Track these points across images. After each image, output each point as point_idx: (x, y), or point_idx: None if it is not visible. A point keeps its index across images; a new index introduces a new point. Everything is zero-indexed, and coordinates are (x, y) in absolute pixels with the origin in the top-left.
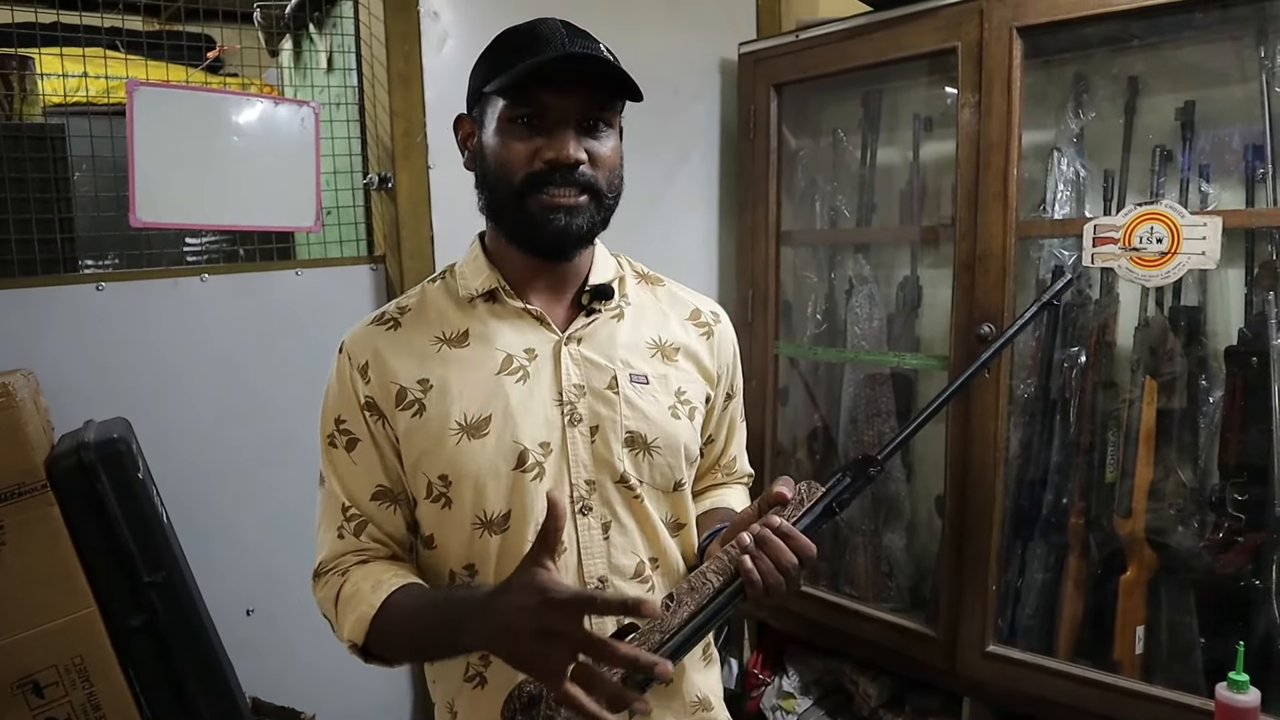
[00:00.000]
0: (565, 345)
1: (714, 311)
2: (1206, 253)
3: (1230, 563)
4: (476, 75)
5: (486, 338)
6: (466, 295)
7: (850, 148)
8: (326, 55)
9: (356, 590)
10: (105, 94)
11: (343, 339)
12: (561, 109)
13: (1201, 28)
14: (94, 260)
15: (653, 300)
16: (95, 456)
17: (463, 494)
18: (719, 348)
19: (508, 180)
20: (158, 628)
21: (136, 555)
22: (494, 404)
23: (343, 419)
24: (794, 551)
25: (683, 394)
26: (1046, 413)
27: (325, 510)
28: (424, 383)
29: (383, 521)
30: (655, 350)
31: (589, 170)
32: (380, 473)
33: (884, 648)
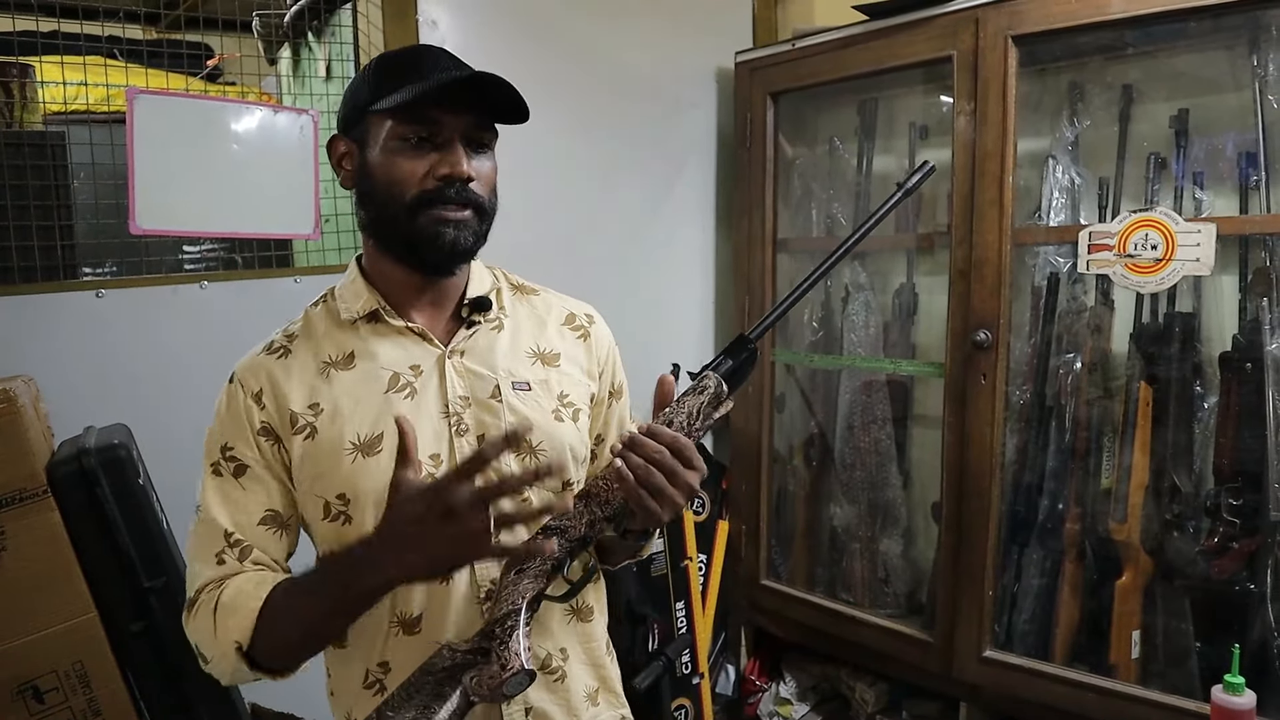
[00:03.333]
0: (449, 358)
1: (588, 314)
2: (1201, 259)
3: (1225, 568)
4: (357, 96)
5: (371, 357)
6: (349, 318)
7: (846, 156)
8: (325, 63)
9: (238, 592)
10: (105, 102)
11: (234, 369)
12: (451, 127)
13: (1195, 36)
14: (93, 268)
15: (529, 310)
16: (95, 462)
17: (363, 511)
18: (596, 346)
19: (398, 197)
20: (158, 633)
21: (137, 561)
22: (385, 422)
23: (230, 446)
24: (665, 444)
25: (565, 397)
26: (1042, 419)
27: (200, 541)
28: (314, 407)
29: (268, 547)
30: (535, 358)
31: (476, 188)
32: (272, 497)
33: (881, 653)
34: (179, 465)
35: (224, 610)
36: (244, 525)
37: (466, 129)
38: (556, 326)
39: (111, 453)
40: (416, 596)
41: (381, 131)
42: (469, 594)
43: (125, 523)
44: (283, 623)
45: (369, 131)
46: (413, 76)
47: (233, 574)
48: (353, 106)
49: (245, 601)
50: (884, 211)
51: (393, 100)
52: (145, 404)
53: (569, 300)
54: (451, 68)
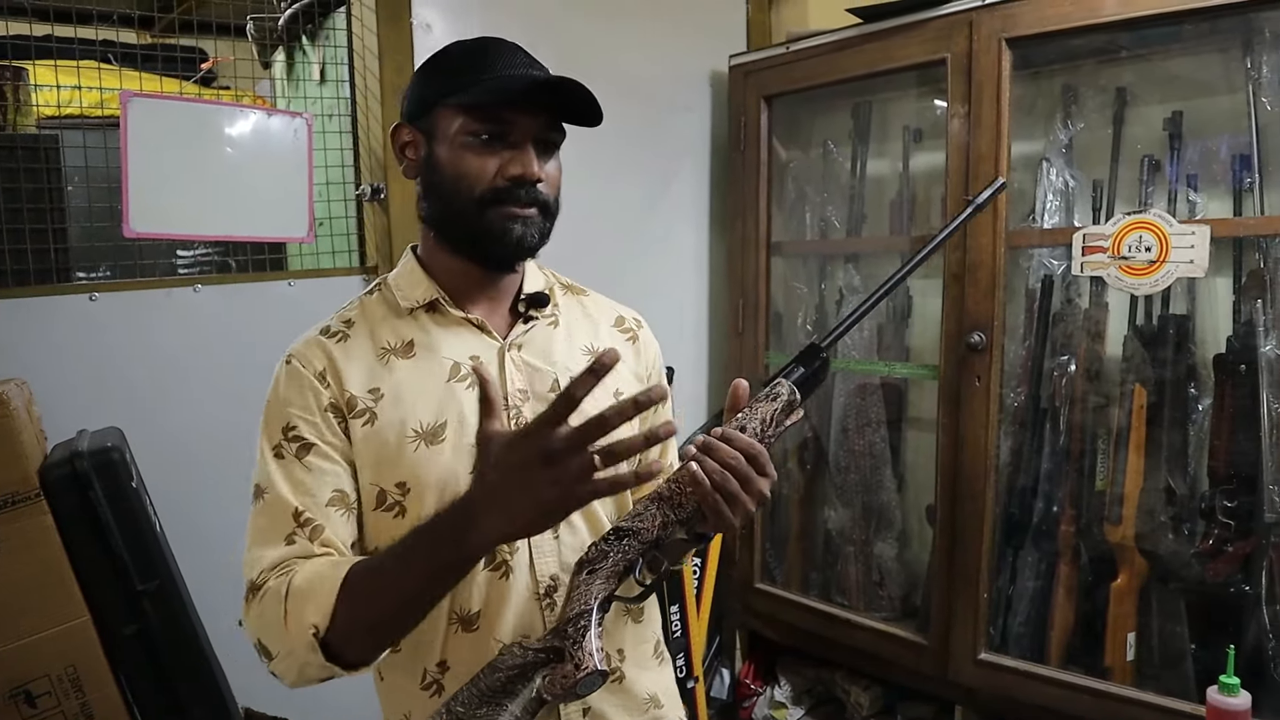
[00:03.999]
0: (508, 351)
1: (636, 318)
2: (1195, 261)
3: (1219, 570)
4: (426, 86)
5: (432, 346)
6: (408, 306)
7: (840, 159)
8: (319, 67)
9: (314, 573)
10: (99, 106)
11: (289, 350)
12: (525, 128)
13: (1189, 39)
14: (87, 271)
15: (580, 309)
16: (89, 465)
17: (422, 501)
18: (644, 350)
19: (467, 193)
20: (151, 636)
21: (129, 564)
22: (448, 411)
23: (293, 426)
24: (740, 451)
25: (620, 394)
26: (1037, 421)
27: (267, 523)
28: (375, 392)
29: (338, 528)
30: (590, 355)
31: (544, 188)
32: (340, 477)
33: (876, 656)
34: (172, 468)
35: (297, 595)
36: (313, 505)
37: (538, 130)
38: (608, 328)
39: (104, 455)
40: (475, 592)
41: (452, 126)
42: (528, 591)
43: (118, 526)
44: (370, 600)
45: (438, 124)
46: (486, 72)
47: (303, 556)
48: (420, 95)
49: (322, 583)
50: (954, 227)
51: (469, 97)
52: (138, 407)
53: (616, 304)
54: (525, 65)
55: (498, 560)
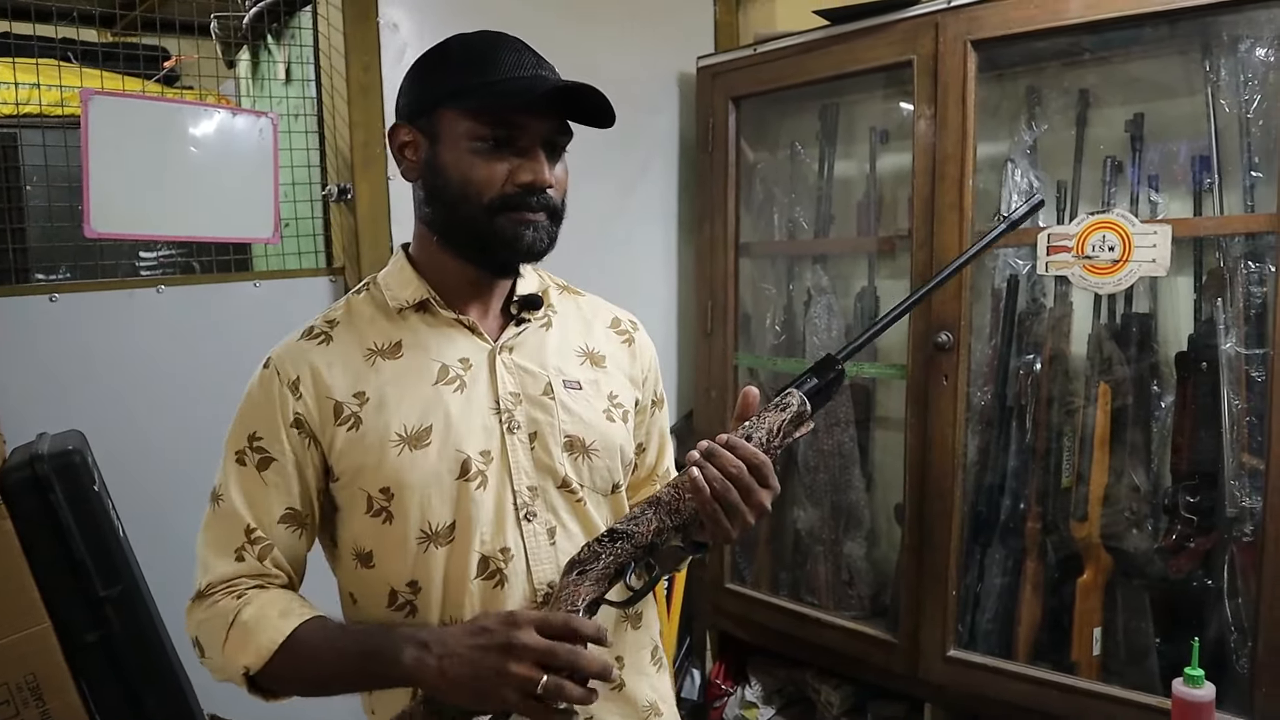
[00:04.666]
0: (499, 354)
1: (632, 320)
2: (1157, 260)
3: (1181, 566)
4: (428, 85)
5: (420, 347)
6: (396, 306)
7: (808, 160)
8: (285, 66)
9: (261, 615)
10: (59, 105)
11: (270, 354)
12: (534, 133)
13: (1150, 42)
14: (46, 272)
15: (575, 310)
16: (49, 469)
17: (406, 506)
18: (640, 353)
19: (475, 199)
20: (114, 643)
21: (92, 569)
22: (434, 414)
23: (258, 436)
24: (743, 460)
25: (615, 397)
26: (1003, 420)
27: (220, 532)
28: (360, 396)
29: (287, 547)
30: (584, 357)
31: (553, 193)
32: (294, 495)
33: (846, 655)
34: (135, 471)
35: (241, 629)
36: (265, 522)
37: (547, 133)
38: (603, 329)
39: (65, 459)
40: (469, 604)
41: (457, 129)
42: (525, 600)
43: (80, 530)
44: (302, 667)
45: (441, 125)
46: (494, 73)
47: (252, 575)
48: (421, 95)
49: (267, 631)
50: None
51: (479, 102)
52: (100, 409)
53: (612, 305)
54: (533, 66)
55: (492, 569)
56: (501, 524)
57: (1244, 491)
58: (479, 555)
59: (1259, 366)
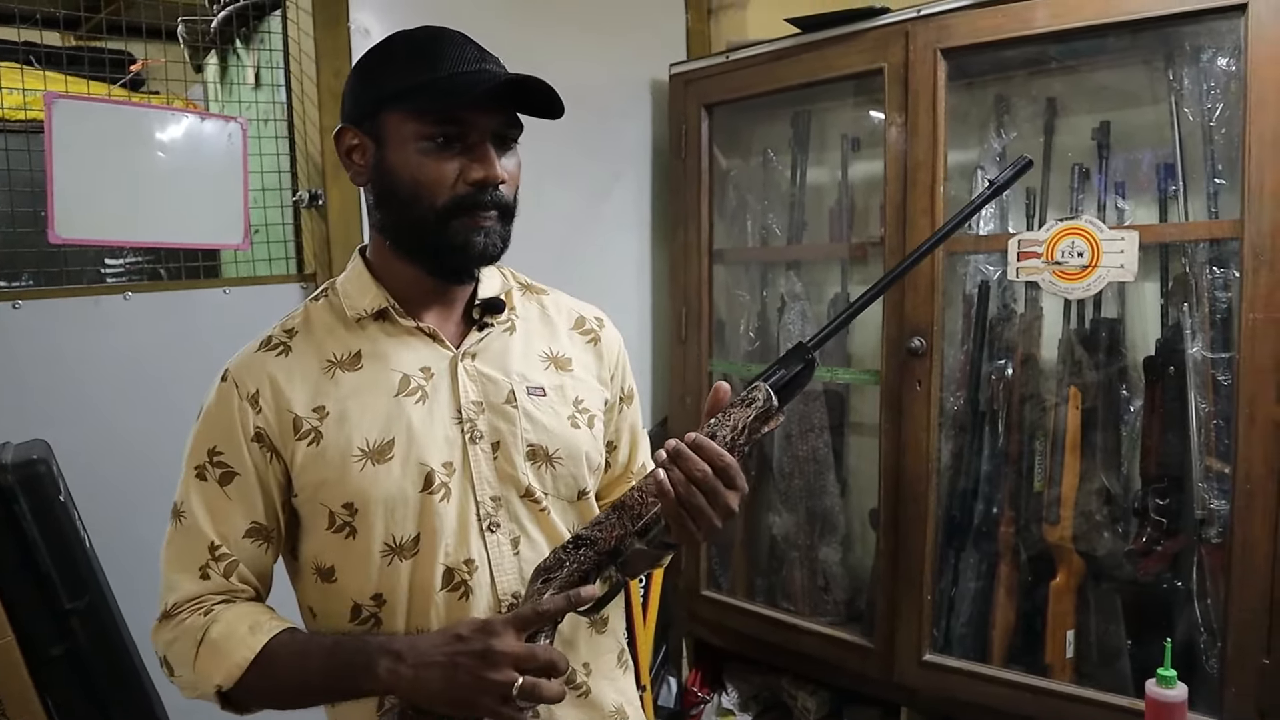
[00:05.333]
0: (461, 362)
1: (598, 317)
2: (1125, 265)
3: (1150, 568)
4: (371, 86)
5: (380, 358)
6: (354, 315)
7: (780, 167)
8: (254, 71)
9: (230, 632)
10: (22, 109)
11: (226, 365)
12: (483, 128)
13: (1115, 52)
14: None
15: (539, 311)
16: (13, 479)
17: (370, 521)
18: (606, 351)
19: (428, 202)
20: (80, 656)
21: (57, 581)
22: (396, 427)
23: (219, 450)
24: (708, 462)
25: (580, 403)
26: (976, 424)
27: (183, 547)
28: (320, 410)
29: (253, 561)
30: (549, 362)
31: (505, 189)
32: (258, 509)
33: (822, 661)
34: (102, 482)
35: (211, 647)
36: (229, 537)
37: (496, 126)
38: (567, 330)
39: (30, 469)
40: (435, 615)
41: (404, 130)
42: (490, 611)
43: (45, 542)
44: (275, 680)
45: (386, 127)
46: (437, 69)
47: (218, 592)
48: (366, 97)
49: (238, 647)
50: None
51: (423, 101)
52: (66, 419)
53: (577, 302)
54: (476, 60)
55: (456, 581)
56: (465, 535)
57: (1211, 494)
58: (443, 567)
59: (1225, 370)
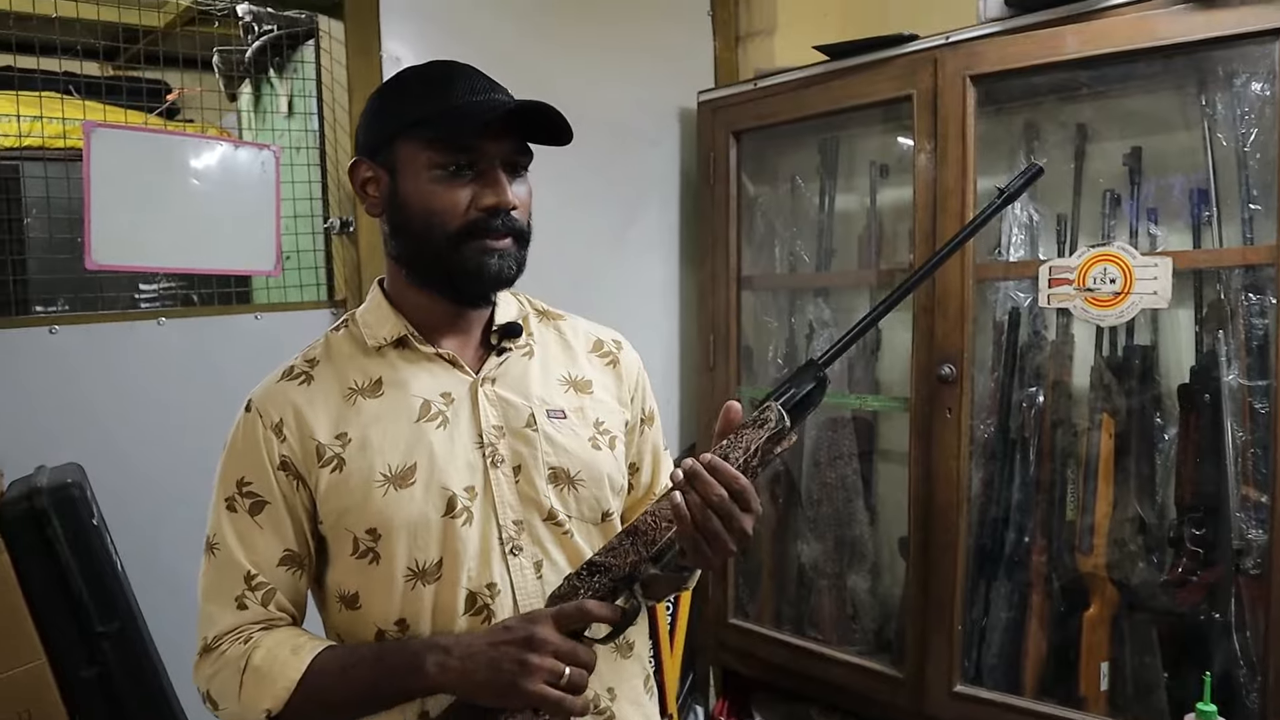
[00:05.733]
0: (481, 386)
1: (616, 340)
2: (1158, 292)
3: (1187, 599)
4: (384, 118)
5: (401, 384)
6: (375, 344)
7: (808, 194)
8: (287, 100)
9: (274, 657)
10: (61, 137)
11: (250, 396)
12: (493, 155)
13: (1146, 77)
14: (46, 305)
15: (556, 336)
16: (47, 502)
17: (393, 546)
18: (625, 373)
19: (439, 229)
20: (110, 680)
21: (89, 604)
22: (418, 452)
23: (247, 481)
24: (724, 485)
25: (601, 424)
26: (1007, 452)
27: (219, 579)
28: (342, 437)
29: (288, 588)
30: (568, 385)
31: (517, 215)
32: (289, 536)
33: (851, 690)
34: (134, 506)
35: (255, 674)
36: (264, 566)
37: (506, 154)
38: (585, 354)
39: (64, 492)
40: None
41: (417, 160)
42: None
43: (78, 565)
44: (324, 698)
45: (399, 158)
46: (447, 99)
47: (257, 621)
48: (379, 129)
49: (283, 670)
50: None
51: (434, 129)
52: (99, 443)
53: (595, 326)
54: (486, 90)
55: (479, 605)
56: (487, 559)
57: (1248, 524)
58: (466, 591)
59: (1261, 398)
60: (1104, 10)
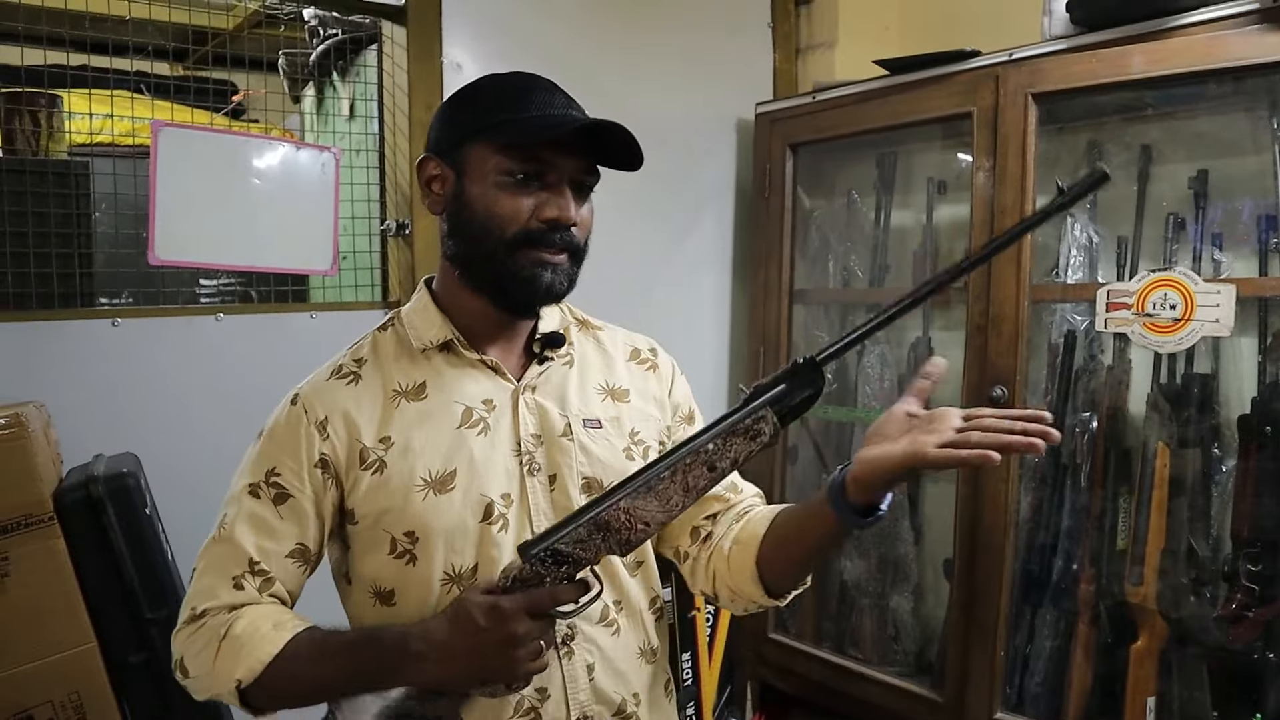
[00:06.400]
0: (522, 394)
1: (652, 347)
2: (1220, 320)
3: (1241, 635)
4: (458, 120)
5: (444, 389)
6: (420, 346)
7: (864, 208)
8: (349, 103)
9: (254, 629)
10: (130, 135)
11: (297, 390)
12: (562, 170)
13: (1215, 98)
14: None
15: (595, 346)
16: (103, 491)
17: (431, 550)
18: (663, 377)
19: (497, 233)
20: (157, 665)
21: (139, 591)
22: (458, 458)
23: (277, 471)
24: None
25: (636, 434)
26: (1058, 478)
27: (218, 559)
28: (385, 440)
29: (289, 580)
30: (605, 394)
31: (577, 232)
32: (307, 532)
33: (889, 711)
34: (186, 497)
35: (233, 643)
36: (271, 554)
37: (575, 172)
38: (623, 362)
39: (119, 481)
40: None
41: (486, 163)
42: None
43: (130, 553)
44: (296, 678)
45: (469, 160)
46: (525, 110)
47: (248, 603)
48: (452, 129)
49: (260, 644)
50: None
51: (508, 136)
52: (155, 434)
53: (630, 334)
54: (564, 105)
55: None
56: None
57: None
58: None
59: None
60: (1173, 30)
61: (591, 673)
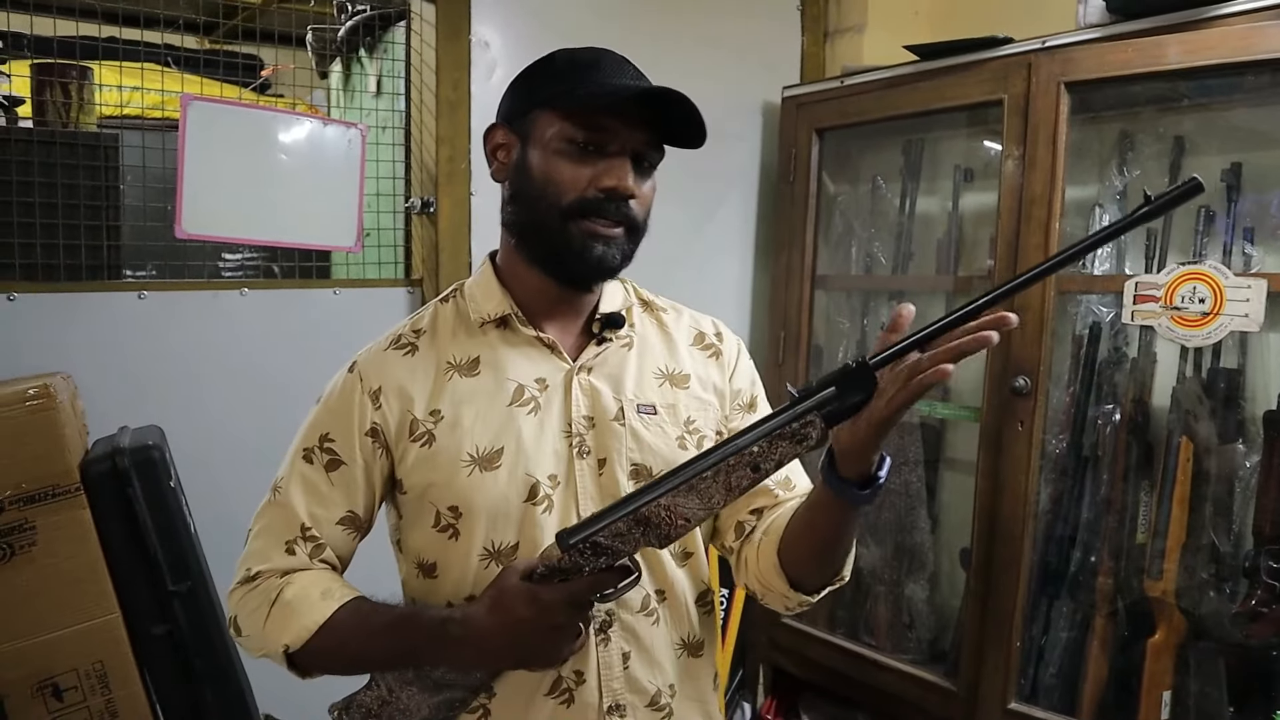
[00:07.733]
0: (576, 375)
1: (717, 332)
2: (1250, 315)
3: (1259, 632)
4: (527, 89)
5: (498, 366)
6: (478, 320)
7: (889, 195)
8: (376, 79)
9: (304, 595)
10: (159, 108)
11: (355, 358)
12: (625, 140)
13: (1251, 90)
14: (135, 270)
15: (657, 328)
16: (129, 462)
17: (473, 526)
18: (726, 363)
19: (555, 200)
20: (179, 637)
21: (163, 564)
22: (506, 436)
23: (330, 437)
24: None
25: (691, 423)
26: (1078, 469)
27: (274, 521)
28: (435, 414)
29: (340, 547)
30: (664, 379)
31: (635, 206)
32: (357, 500)
33: (902, 699)
34: (209, 470)
35: (283, 608)
36: (322, 521)
37: (638, 145)
38: (686, 346)
39: (145, 454)
40: None
41: (549, 130)
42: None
43: (154, 525)
44: (343, 647)
45: (534, 127)
46: (593, 78)
47: (300, 568)
48: (522, 98)
49: (309, 610)
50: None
51: (572, 101)
52: (180, 406)
53: (696, 315)
54: (634, 77)
55: None
56: None
57: None
58: None
59: None
60: (1211, 20)
61: (626, 661)
